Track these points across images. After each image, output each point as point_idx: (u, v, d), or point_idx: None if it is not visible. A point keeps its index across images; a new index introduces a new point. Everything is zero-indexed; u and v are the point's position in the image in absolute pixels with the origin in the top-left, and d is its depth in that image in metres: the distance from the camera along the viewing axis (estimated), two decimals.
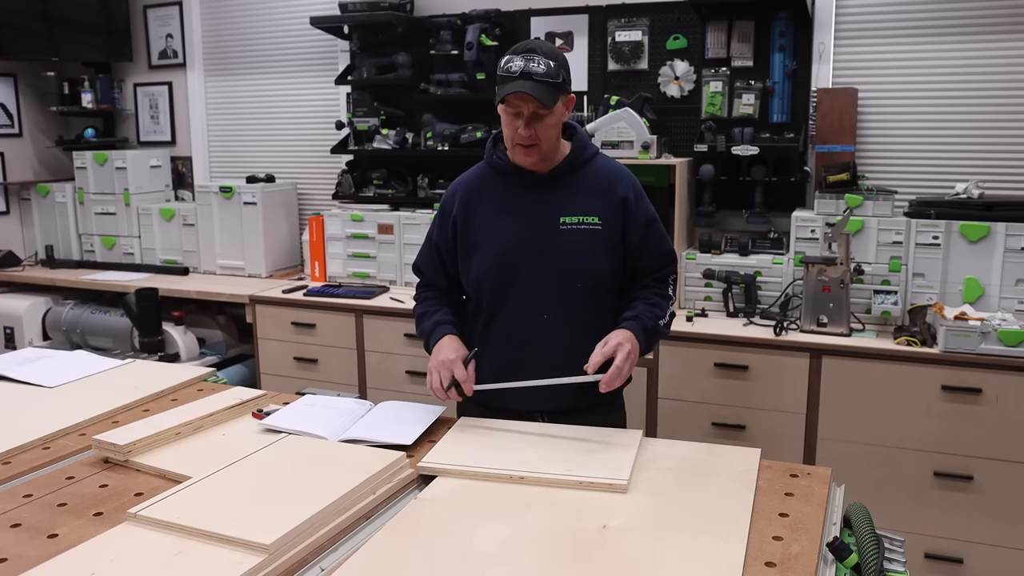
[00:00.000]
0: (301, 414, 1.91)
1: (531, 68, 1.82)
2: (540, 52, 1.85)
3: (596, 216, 1.96)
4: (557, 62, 1.85)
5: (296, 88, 4.56)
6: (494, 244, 1.98)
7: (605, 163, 2.05)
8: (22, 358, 2.39)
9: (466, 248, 2.02)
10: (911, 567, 1.42)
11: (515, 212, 1.98)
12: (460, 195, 2.04)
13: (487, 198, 2.01)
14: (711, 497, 1.51)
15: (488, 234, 1.99)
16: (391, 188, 4.13)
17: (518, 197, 1.98)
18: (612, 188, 1.98)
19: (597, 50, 3.76)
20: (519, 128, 1.87)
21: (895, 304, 2.97)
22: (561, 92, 1.88)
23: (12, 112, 4.83)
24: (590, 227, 1.95)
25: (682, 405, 3.10)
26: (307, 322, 3.75)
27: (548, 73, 1.83)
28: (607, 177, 2.00)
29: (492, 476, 1.60)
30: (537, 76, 1.82)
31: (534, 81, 1.82)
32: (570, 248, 1.94)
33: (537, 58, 1.83)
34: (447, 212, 2.06)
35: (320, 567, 1.32)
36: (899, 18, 3.32)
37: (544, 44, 1.90)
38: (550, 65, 1.83)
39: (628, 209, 1.98)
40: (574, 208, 1.96)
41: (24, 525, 1.44)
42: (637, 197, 2.00)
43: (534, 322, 1.96)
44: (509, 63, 1.85)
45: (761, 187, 3.41)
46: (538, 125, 1.87)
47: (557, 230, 1.95)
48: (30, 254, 4.86)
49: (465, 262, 2.03)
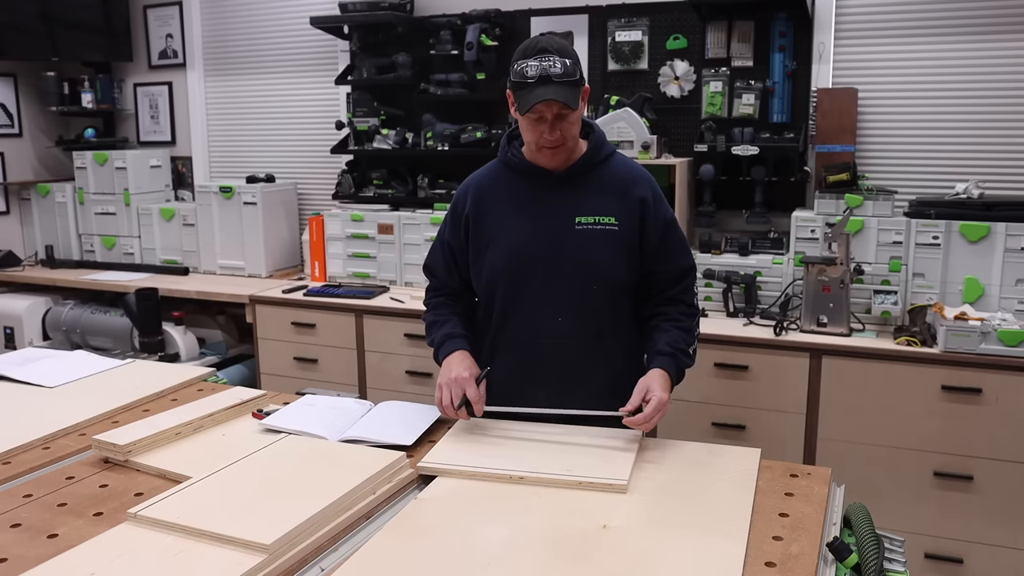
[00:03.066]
0: (301, 414, 1.91)
1: (549, 71, 1.77)
2: (552, 50, 1.78)
3: (613, 216, 1.90)
4: (572, 58, 1.80)
5: (296, 88, 4.56)
6: (507, 243, 1.92)
7: (623, 163, 1.99)
8: (22, 358, 2.39)
9: (478, 247, 1.97)
10: (911, 567, 1.42)
11: (529, 211, 1.92)
12: (473, 193, 1.99)
13: (501, 196, 1.96)
14: (711, 497, 1.51)
15: (501, 233, 1.93)
16: (391, 188, 4.13)
17: (533, 196, 1.93)
18: (630, 188, 1.93)
19: (597, 50, 3.76)
20: (544, 132, 1.82)
21: (895, 304, 2.97)
22: (581, 87, 1.82)
23: (12, 112, 4.84)
24: (606, 227, 1.89)
25: (682, 405, 3.10)
26: (307, 322, 3.75)
27: (566, 72, 1.78)
28: (625, 177, 1.95)
29: (492, 476, 1.60)
30: (557, 78, 1.77)
31: (556, 84, 1.77)
32: (585, 248, 1.89)
33: (552, 58, 1.77)
34: (459, 210, 2.00)
35: (320, 567, 1.32)
36: (899, 18, 3.32)
37: (553, 41, 1.82)
38: (566, 64, 1.77)
39: (646, 210, 1.91)
40: (590, 208, 1.90)
41: (24, 525, 1.44)
42: (655, 199, 1.94)
43: (548, 324, 1.92)
44: (524, 67, 1.78)
45: (761, 187, 3.41)
46: (563, 125, 1.82)
47: (572, 230, 1.89)
48: (30, 254, 4.86)
49: (477, 262, 1.97)
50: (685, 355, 1.92)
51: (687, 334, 1.94)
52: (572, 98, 1.79)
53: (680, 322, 1.95)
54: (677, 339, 1.91)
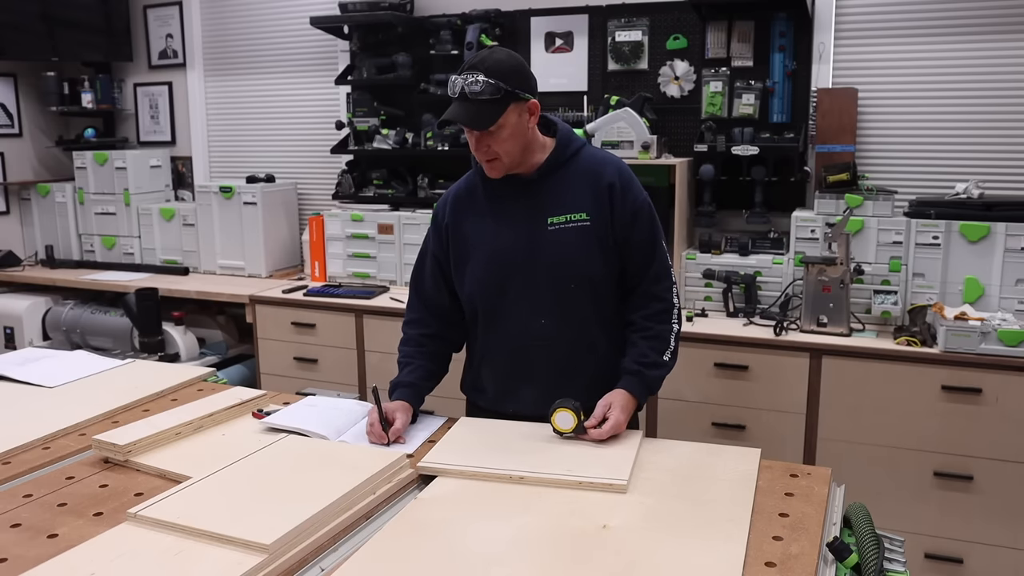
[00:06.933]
0: (301, 414, 1.91)
1: (468, 89, 1.77)
2: (481, 68, 1.77)
3: (584, 212, 1.89)
4: (500, 75, 1.77)
5: (296, 88, 4.56)
6: (485, 251, 1.94)
7: (591, 154, 1.97)
8: (22, 358, 2.39)
9: (458, 256, 1.98)
10: (911, 567, 1.42)
11: (504, 217, 1.94)
12: (451, 203, 2.01)
13: (477, 205, 1.98)
14: (711, 497, 1.51)
15: (479, 241, 1.95)
16: (391, 188, 4.13)
17: (507, 201, 1.94)
18: (598, 178, 1.91)
19: (597, 50, 3.76)
20: (473, 145, 1.85)
21: (895, 304, 2.97)
22: (507, 105, 1.79)
23: (12, 112, 4.83)
24: (578, 224, 1.89)
25: (682, 405, 3.10)
26: (307, 322, 3.75)
27: (487, 90, 1.76)
28: (594, 169, 1.93)
29: (492, 476, 1.60)
30: (472, 95, 1.77)
31: (468, 102, 1.78)
32: (558, 248, 1.89)
33: (476, 75, 1.76)
34: (439, 221, 2.02)
35: (320, 567, 1.32)
36: (899, 18, 3.32)
37: (491, 56, 1.81)
38: (489, 82, 1.75)
39: (614, 196, 1.89)
40: (561, 207, 1.90)
41: (24, 525, 1.44)
42: (624, 184, 1.91)
43: (532, 327, 1.93)
44: (452, 83, 1.81)
45: (761, 187, 3.41)
46: (490, 140, 1.82)
47: (545, 231, 1.90)
48: (30, 254, 4.86)
49: (459, 270, 1.99)
50: (655, 367, 1.91)
51: (658, 341, 1.92)
52: (481, 119, 1.78)
53: (649, 330, 1.93)
54: (645, 352, 1.91)
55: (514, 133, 1.83)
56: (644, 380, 1.89)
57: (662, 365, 1.92)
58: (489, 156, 1.85)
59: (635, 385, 1.87)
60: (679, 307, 1.98)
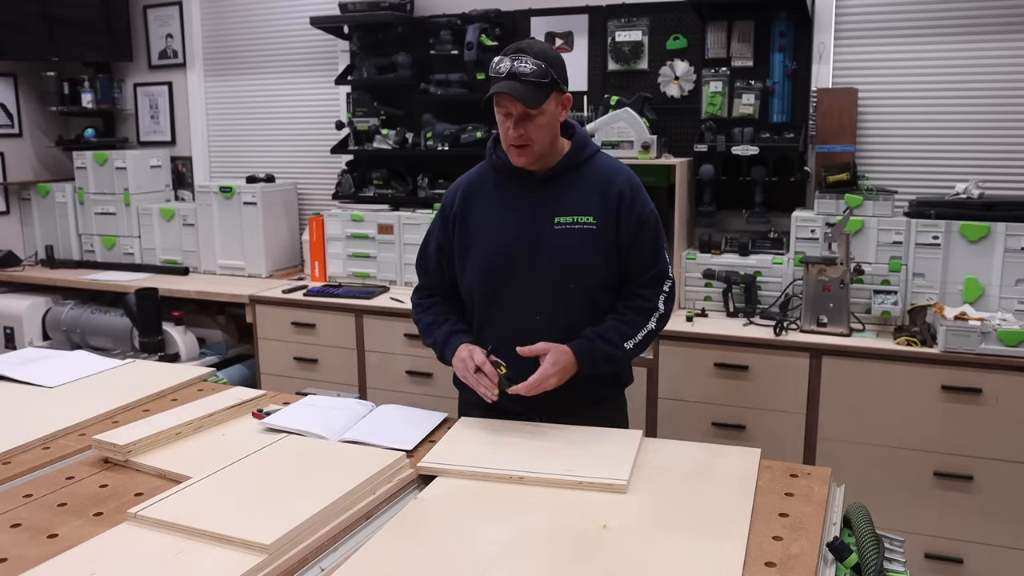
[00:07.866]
0: (301, 414, 1.91)
1: (518, 68, 1.81)
2: (529, 52, 1.84)
3: (591, 216, 1.93)
4: (547, 61, 1.83)
5: (296, 88, 4.56)
6: (488, 243, 1.97)
7: (605, 161, 2.02)
8: (22, 358, 2.39)
9: (462, 246, 2.01)
10: (911, 567, 1.42)
11: (512, 211, 1.96)
12: (461, 193, 2.04)
13: (486, 197, 2.00)
14: (711, 497, 1.51)
15: (483, 232, 1.98)
16: (391, 188, 4.13)
17: (516, 196, 1.97)
18: (609, 185, 1.95)
19: (597, 50, 3.76)
20: (509, 129, 1.87)
21: (895, 304, 2.97)
22: (551, 92, 1.85)
23: (12, 112, 4.83)
24: (584, 227, 1.92)
25: (682, 405, 3.10)
26: (307, 322, 3.75)
27: (535, 73, 1.81)
28: (606, 175, 1.97)
29: (492, 476, 1.60)
30: (523, 76, 1.81)
31: (520, 82, 1.81)
32: (562, 249, 1.92)
33: (525, 58, 1.82)
34: (448, 210, 2.05)
35: (320, 567, 1.32)
36: (899, 18, 3.32)
37: (536, 44, 1.88)
38: (539, 65, 1.82)
39: (622, 205, 1.94)
40: (570, 208, 1.94)
41: (24, 525, 1.44)
42: (633, 194, 1.96)
43: (526, 323, 1.94)
44: (499, 63, 1.85)
45: (761, 187, 3.41)
46: (528, 125, 1.85)
47: (551, 230, 1.93)
48: (30, 254, 4.86)
49: (461, 260, 2.02)
50: (609, 344, 1.91)
51: (626, 327, 1.94)
52: (533, 98, 1.82)
53: (624, 316, 1.95)
54: (607, 329, 1.92)
55: (550, 121, 1.88)
56: (591, 350, 1.89)
57: (617, 346, 1.91)
58: (523, 141, 1.87)
59: (581, 348, 1.88)
60: (663, 314, 1.98)
